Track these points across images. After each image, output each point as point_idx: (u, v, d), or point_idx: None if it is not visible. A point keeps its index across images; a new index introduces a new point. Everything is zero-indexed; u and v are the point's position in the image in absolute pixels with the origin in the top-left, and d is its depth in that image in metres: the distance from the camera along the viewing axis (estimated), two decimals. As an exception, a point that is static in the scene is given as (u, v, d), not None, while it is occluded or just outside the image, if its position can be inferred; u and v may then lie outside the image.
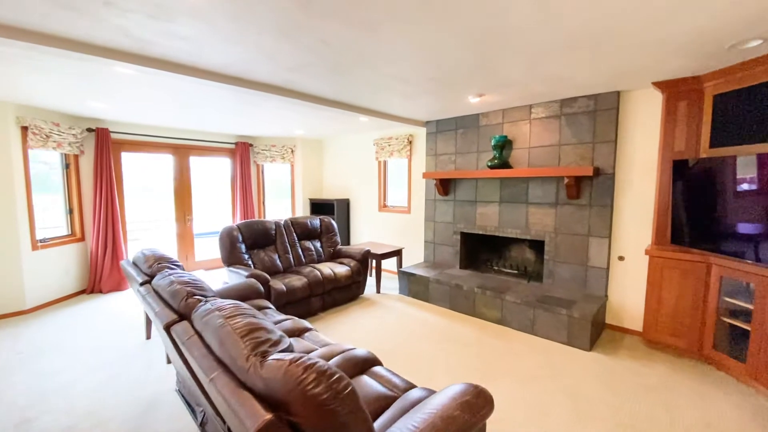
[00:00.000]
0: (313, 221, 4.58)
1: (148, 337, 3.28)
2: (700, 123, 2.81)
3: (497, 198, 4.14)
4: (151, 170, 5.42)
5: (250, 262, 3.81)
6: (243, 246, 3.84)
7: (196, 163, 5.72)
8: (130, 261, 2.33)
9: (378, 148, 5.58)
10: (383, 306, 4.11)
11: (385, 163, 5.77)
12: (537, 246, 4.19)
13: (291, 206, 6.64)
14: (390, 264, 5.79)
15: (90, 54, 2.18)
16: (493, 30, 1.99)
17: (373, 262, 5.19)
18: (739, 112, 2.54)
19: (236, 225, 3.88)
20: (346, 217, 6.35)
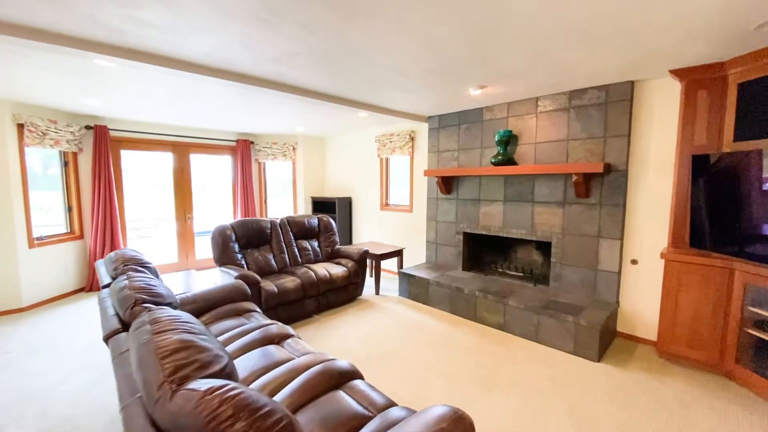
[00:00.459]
0: (311, 220, 4.45)
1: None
2: (723, 114, 2.56)
3: (501, 197, 3.93)
4: (151, 168, 5.39)
5: (243, 262, 3.70)
6: (236, 245, 3.73)
7: (197, 161, 5.66)
8: (103, 261, 2.24)
9: (379, 144, 5.41)
10: (381, 308, 3.95)
11: (387, 161, 5.60)
12: (544, 247, 3.96)
13: (293, 204, 6.54)
14: (392, 264, 5.63)
15: (63, 45, 2.09)
16: (491, 13, 1.80)
17: (372, 262, 5.04)
18: (767, 102, 2.28)
19: (230, 224, 3.78)
20: (348, 216, 6.22)
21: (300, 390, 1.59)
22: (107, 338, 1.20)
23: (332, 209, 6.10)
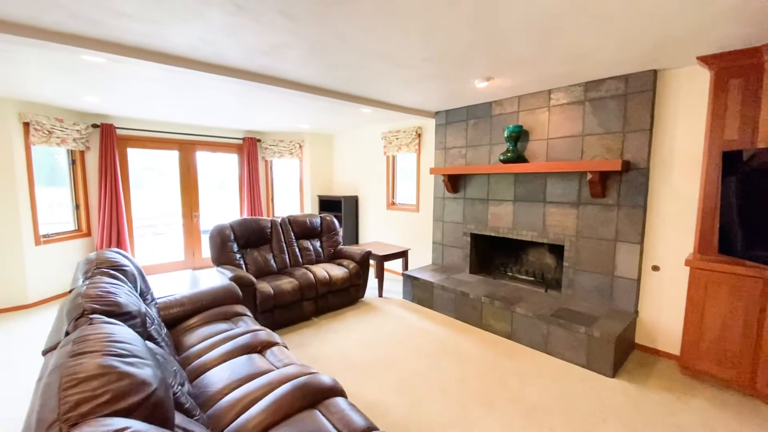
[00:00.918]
0: (314, 219, 4.34)
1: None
2: (759, 106, 2.28)
3: (511, 196, 3.71)
4: (158, 166, 5.40)
5: (241, 263, 3.62)
6: (235, 245, 3.65)
7: (204, 159, 5.64)
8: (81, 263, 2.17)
9: (386, 142, 5.25)
10: (382, 312, 3.80)
11: (394, 158, 5.43)
12: (557, 251, 3.72)
13: (299, 203, 6.46)
14: (398, 266, 5.46)
15: (44, 39, 2.02)
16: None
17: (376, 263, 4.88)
18: (813, 90, 2.00)
19: (229, 223, 3.70)
20: (355, 215, 6.08)
21: (273, 407, 1.46)
22: (45, 353, 1.10)
23: (339, 208, 5.98)
